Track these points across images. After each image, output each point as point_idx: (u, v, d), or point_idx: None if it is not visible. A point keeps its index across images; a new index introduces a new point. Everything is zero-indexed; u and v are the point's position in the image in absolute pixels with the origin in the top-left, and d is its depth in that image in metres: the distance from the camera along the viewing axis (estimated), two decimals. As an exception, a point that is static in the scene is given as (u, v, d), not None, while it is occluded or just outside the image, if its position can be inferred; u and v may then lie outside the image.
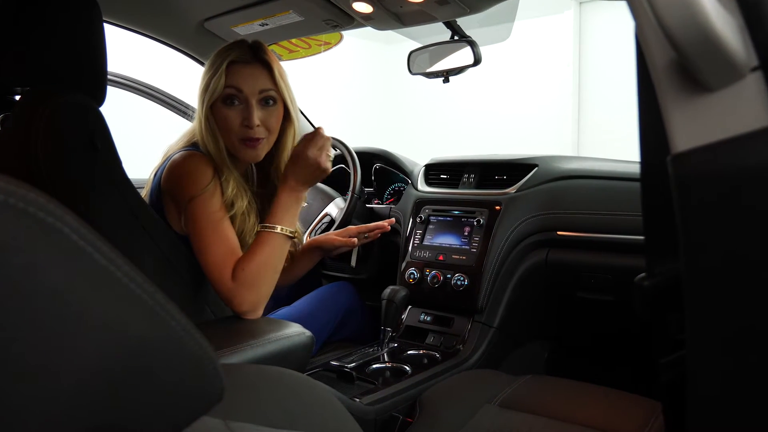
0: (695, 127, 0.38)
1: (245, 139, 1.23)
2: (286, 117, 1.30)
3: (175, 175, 1.20)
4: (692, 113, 0.38)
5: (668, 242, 0.53)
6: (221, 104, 1.22)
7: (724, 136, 0.37)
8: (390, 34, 1.67)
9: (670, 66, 0.39)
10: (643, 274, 0.54)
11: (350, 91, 7.31)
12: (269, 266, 1.16)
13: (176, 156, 1.23)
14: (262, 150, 1.27)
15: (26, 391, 0.26)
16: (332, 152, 1.32)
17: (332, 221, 1.79)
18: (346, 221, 1.73)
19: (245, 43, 1.27)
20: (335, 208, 1.82)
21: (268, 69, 1.25)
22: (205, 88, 1.22)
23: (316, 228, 1.81)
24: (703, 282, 0.40)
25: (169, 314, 0.33)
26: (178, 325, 0.33)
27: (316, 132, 1.22)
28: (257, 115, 1.22)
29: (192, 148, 1.26)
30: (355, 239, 1.55)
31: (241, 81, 1.22)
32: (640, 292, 0.53)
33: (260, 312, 1.14)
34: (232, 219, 1.21)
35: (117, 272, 0.30)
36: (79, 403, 0.28)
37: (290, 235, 1.20)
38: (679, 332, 0.52)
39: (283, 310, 1.56)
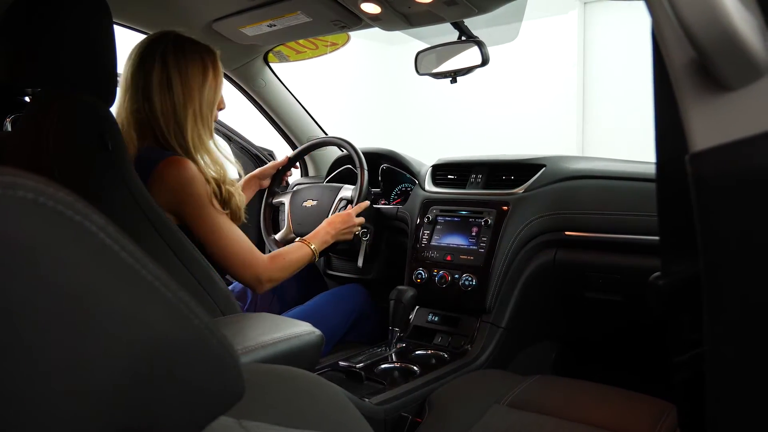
0: (714, 125, 0.38)
1: None
2: None
3: (177, 187, 1.21)
4: (711, 112, 0.38)
5: (683, 241, 0.53)
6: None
7: (743, 135, 0.37)
8: (394, 35, 1.67)
9: (689, 65, 0.39)
10: (657, 273, 0.54)
11: (354, 92, 7.32)
12: (296, 264, 1.42)
13: (169, 165, 1.21)
14: None
15: (56, 391, 0.26)
16: (360, 230, 1.67)
17: (350, 201, 1.77)
18: (364, 198, 1.71)
19: None
20: (347, 190, 1.80)
21: None
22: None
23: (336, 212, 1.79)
24: (722, 278, 0.40)
25: (193, 313, 0.33)
26: (201, 324, 0.33)
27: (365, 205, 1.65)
28: None
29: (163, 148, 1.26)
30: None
31: None
32: (655, 291, 0.53)
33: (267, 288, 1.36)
34: None
35: (142, 270, 0.30)
36: (107, 403, 0.28)
37: (315, 255, 1.47)
38: (694, 331, 0.52)
39: (296, 310, 1.57)
